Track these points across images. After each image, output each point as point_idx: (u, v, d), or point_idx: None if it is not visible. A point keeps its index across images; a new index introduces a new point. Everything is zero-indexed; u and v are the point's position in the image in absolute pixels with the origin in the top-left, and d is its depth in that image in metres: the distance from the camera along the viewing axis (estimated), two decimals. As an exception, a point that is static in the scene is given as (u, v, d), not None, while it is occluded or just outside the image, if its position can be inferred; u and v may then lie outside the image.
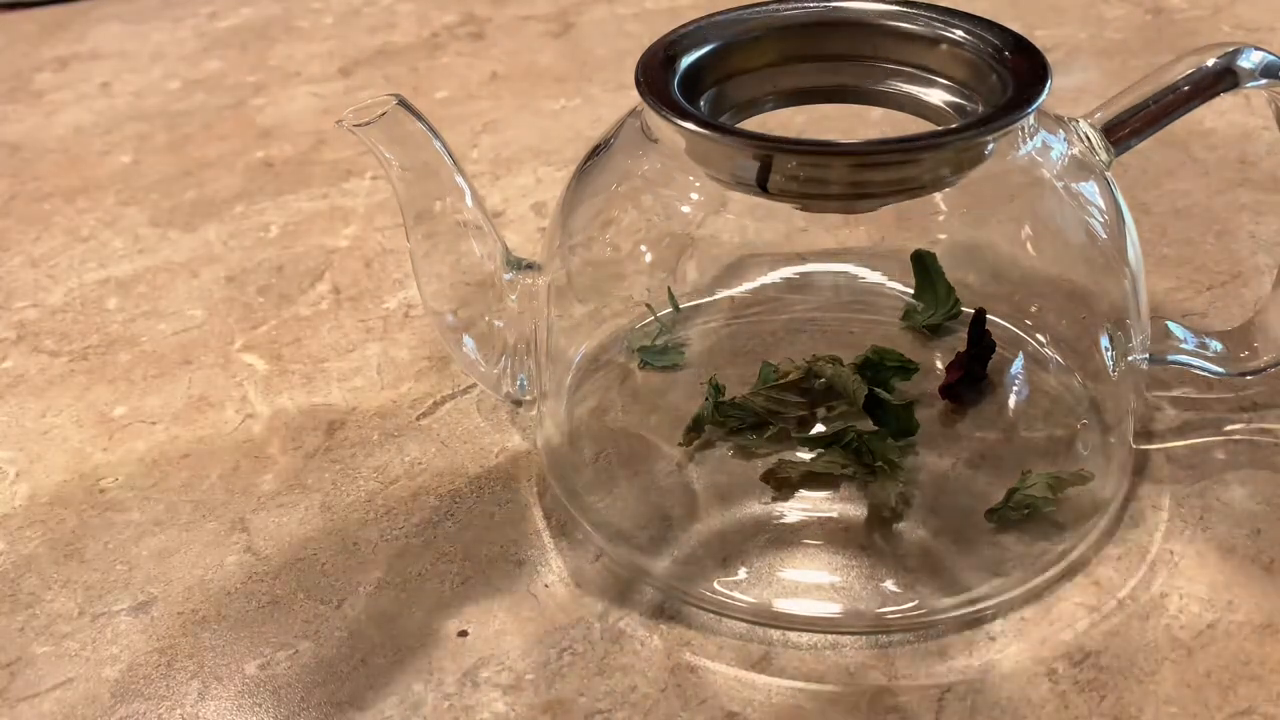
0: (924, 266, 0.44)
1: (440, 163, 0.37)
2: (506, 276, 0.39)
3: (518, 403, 0.42)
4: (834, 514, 0.37)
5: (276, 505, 0.40)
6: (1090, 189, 0.37)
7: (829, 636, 0.34)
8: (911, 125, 0.37)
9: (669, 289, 0.44)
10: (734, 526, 0.37)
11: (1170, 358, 0.41)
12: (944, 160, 0.33)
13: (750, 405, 0.40)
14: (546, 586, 0.37)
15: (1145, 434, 0.40)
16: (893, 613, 0.34)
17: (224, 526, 0.40)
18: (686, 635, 0.35)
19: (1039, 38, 0.36)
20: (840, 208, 0.36)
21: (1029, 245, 0.39)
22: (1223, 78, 0.36)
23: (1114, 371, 0.38)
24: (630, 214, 0.39)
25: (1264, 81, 0.36)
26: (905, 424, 0.39)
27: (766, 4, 0.38)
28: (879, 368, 0.41)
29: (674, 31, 0.37)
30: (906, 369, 0.41)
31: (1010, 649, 0.34)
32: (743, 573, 0.36)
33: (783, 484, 0.38)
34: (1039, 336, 0.42)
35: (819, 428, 0.39)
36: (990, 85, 0.35)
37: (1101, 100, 0.38)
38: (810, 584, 0.35)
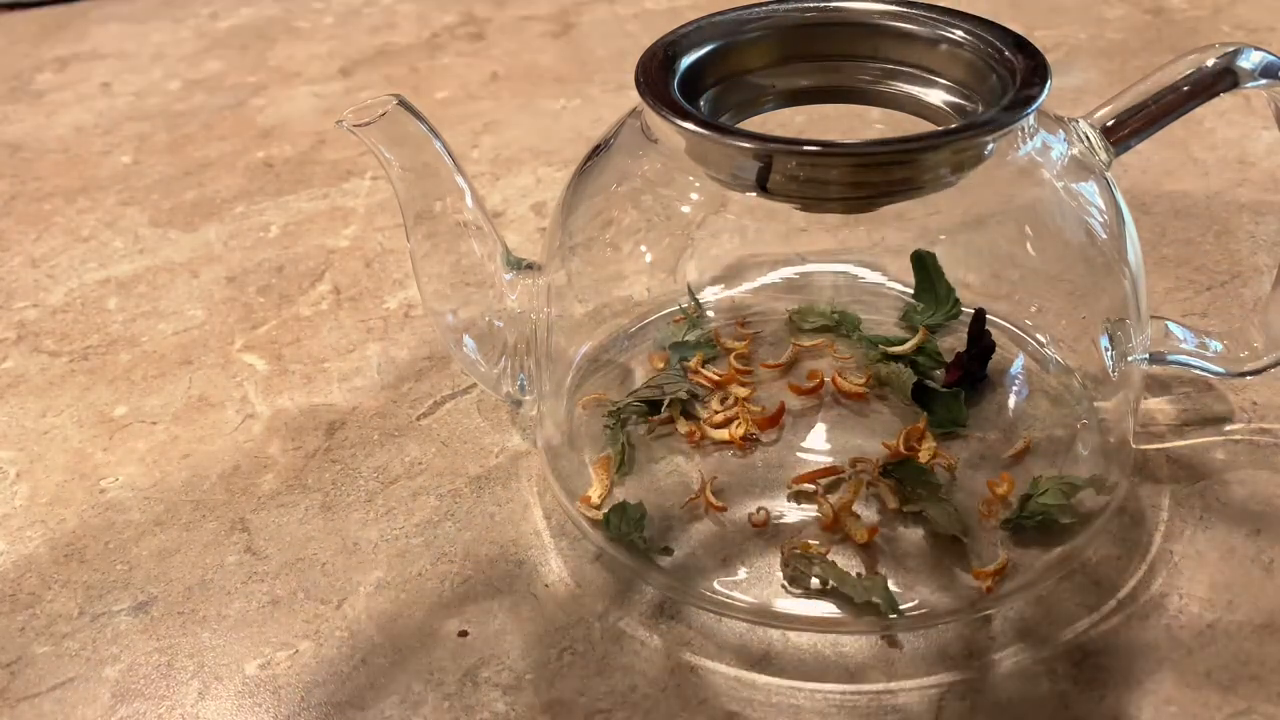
0: (924, 266, 0.44)
1: (440, 163, 0.37)
2: (506, 276, 0.39)
3: (518, 403, 0.42)
4: (834, 514, 0.37)
5: (276, 505, 0.40)
6: (1090, 189, 0.37)
7: (829, 636, 0.34)
8: (911, 125, 0.37)
9: (689, 285, 0.44)
10: (734, 526, 0.37)
11: (1170, 358, 0.41)
12: (944, 160, 0.33)
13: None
14: (546, 586, 0.37)
15: (1145, 434, 0.40)
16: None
17: (224, 526, 0.40)
18: (686, 635, 0.35)
19: (1039, 38, 0.36)
20: (840, 208, 0.36)
21: (1029, 245, 0.39)
22: (1223, 78, 0.36)
23: (1114, 371, 0.38)
24: (630, 214, 0.39)
25: (1264, 81, 0.36)
26: (954, 413, 0.39)
27: (766, 4, 0.38)
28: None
29: (674, 31, 0.37)
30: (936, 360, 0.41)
31: (1010, 649, 0.34)
32: (743, 573, 0.36)
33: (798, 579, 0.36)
34: (1039, 336, 0.42)
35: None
36: (990, 85, 0.35)
37: (1101, 100, 0.38)
38: (810, 584, 0.35)
